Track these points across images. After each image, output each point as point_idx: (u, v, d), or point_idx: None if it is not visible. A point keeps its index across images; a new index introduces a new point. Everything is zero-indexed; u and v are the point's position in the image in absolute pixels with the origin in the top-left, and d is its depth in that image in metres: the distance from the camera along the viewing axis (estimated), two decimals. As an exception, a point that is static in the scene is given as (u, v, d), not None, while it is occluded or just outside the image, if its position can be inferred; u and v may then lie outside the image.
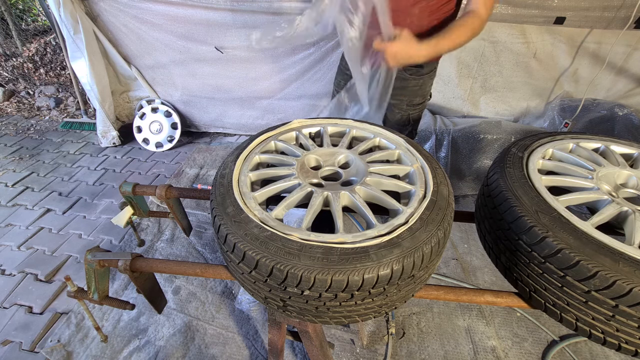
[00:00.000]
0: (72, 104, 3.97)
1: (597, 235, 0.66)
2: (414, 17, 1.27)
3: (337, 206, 0.77)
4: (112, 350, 1.61)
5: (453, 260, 2.05)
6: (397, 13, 1.26)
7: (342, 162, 0.96)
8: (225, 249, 0.71)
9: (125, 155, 3.15)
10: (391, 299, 0.70)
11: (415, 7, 1.25)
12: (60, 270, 2.04)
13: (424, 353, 1.60)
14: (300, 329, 1.02)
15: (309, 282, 0.61)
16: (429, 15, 1.27)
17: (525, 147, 0.92)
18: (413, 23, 1.28)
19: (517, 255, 0.73)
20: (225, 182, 0.80)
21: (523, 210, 0.71)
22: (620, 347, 0.66)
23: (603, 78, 2.63)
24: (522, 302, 0.78)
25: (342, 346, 1.61)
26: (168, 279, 1.93)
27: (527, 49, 2.59)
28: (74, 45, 2.71)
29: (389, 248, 0.64)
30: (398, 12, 1.26)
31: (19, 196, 2.64)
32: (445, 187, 0.80)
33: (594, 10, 2.31)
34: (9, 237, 2.26)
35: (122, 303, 1.02)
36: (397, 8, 1.25)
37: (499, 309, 1.78)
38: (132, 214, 1.25)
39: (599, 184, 0.82)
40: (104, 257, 0.92)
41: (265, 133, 1.01)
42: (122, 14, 2.69)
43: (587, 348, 1.61)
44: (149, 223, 2.31)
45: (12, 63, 4.48)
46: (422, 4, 1.24)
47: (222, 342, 1.64)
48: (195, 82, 3.05)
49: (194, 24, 2.65)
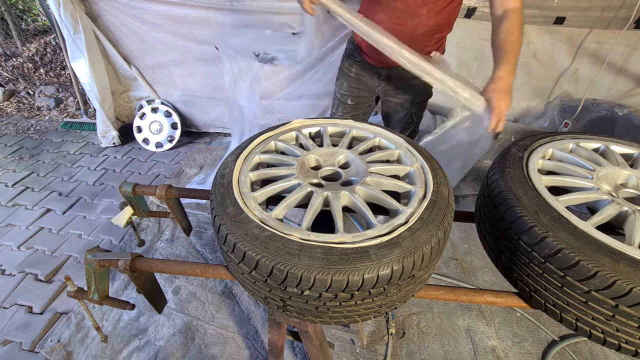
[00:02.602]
0: (72, 104, 3.96)
1: (597, 235, 0.66)
2: (422, 17, 1.28)
3: (337, 206, 0.77)
4: (112, 350, 1.61)
5: (453, 260, 2.05)
6: (405, 14, 1.27)
7: (342, 162, 0.96)
8: (225, 249, 0.71)
9: (125, 155, 3.15)
10: (391, 299, 0.70)
11: (423, 8, 1.26)
12: (60, 270, 2.04)
13: (424, 353, 1.60)
14: (300, 329, 1.02)
15: (309, 282, 0.61)
16: (436, 16, 1.28)
17: (525, 147, 0.92)
18: (421, 23, 1.29)
19: (517, 255, 0.73)
20: (225, 182, 0.80)
21: (523, 210, 0.71)
22: (620, 347, 0.66)
23: (603, 78, 2.63)
24: (522, 302, 0.78)
25: (342, 346, 1.61)
26: (168, 279, 1.93)
27: (527, 49, 2.59)
28: (74, 45, 2.71)
29: (389, 248, 0.64)
30: (405, 14, 1.27)
31: (19, 196, 2.64)
32: (445, 187, 0.80)
33: (594, 10, 2.31)
34: (9, 237, 2.26)
35: (122, 303, 1.02)
36: (405, 9, 1.26)
37: (499, 309, 1.78)
38: (132, 214, 1.25)
39: (599, 184, 0.82)
40: (104, 257, 0.92)
41: (265, 133, 1.01)
42: (122, 14, 2.69)
43: (587, 348, 1.61)
44: (149, 223, 2.31)
45: (12, 63, 4.48)
46: (429, 5, 1.25)
47: (222, 342, 1.64)
48: (195, 82, 3.05)
49: (194, 24, 2.65)
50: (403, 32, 1.29)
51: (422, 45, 1.36)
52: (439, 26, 1.33)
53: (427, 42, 1.37)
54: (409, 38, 1.25)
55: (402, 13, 1.27)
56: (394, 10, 1.28)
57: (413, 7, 1.25)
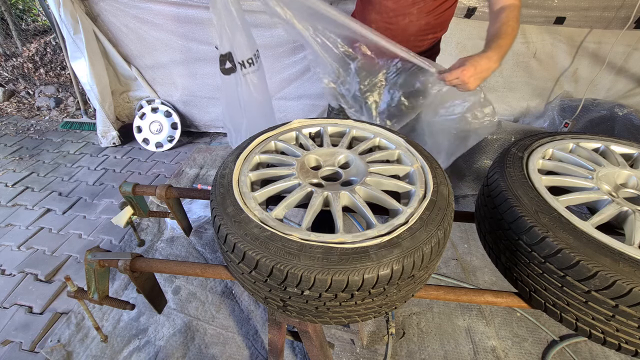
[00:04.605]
0: (72, 104, 3.97)
1: (597, 235, 0.66)
2: (413, 16, 1.29)
3: (337, 206, 0.77)
4: (112, 350, 1.61)
5: (453, 260, 2.05)
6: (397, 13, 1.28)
7: (342, 162, 0.96)
8: (225, 249, 0.71)
9: (125, 155, 3.15)
10: (391, 299, 0.70)
11: (414, 7, 1.27)
12: (60, 270, 2.04)
13: (424, 353, 1.60)
14: (300, 329, 1.02)
15: (309, 282, 0.61)
16: (427, 15, 1.29)
17: (525, 147, 0.92)
18: (412, 22, 1.29)
19: (517, 255, 0.73)
20: (225, 182, 0.80)
21: (523, 210, 0.71)
22: (620, 347, 0.66)
23: (603, 78, 2.63)
24: (522, 302, 0.78)
25: (342, 346, 1.61)
26: (168, 279, 1.93)
27: (527, 49, 2.59)
28: (74, 45, 2.71)
29: (389, 248, 0.64)
30: (396, 13, 1.28)
31: (19, 196, 2.64)
32: (445, 187, 0.80)
33: (594, 10, 2.31)
34: (9, 237, 2.26)
35: (122, 303, 1.02)
36: (396, 8, 1.27)
37: (499, 309, 1.78)
38: (132, 214, 1.25)
39: (599, 184, 0.82)
40: (104, 257, 0.92)
41: (265, 133, 1.01)
42: (122, 14, 2.69)
43: (587, 348, 1.61)
44: (149, 223, 2.31)
45: (12, 63, 4.48)
46: (420, 5, 1.26)
47: (222, 342, 1.64)
48: (195, 82, 3.05)
49: (194, 23, 2.65)
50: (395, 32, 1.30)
51: (415, 45, 1.36)
52: (430, 26, 1.33)
53: (419, 42, 1.37)
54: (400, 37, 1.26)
55: (394, 12, 1.27)
56: (385, 10, 1.29)
57: (404, 6, 1.26)
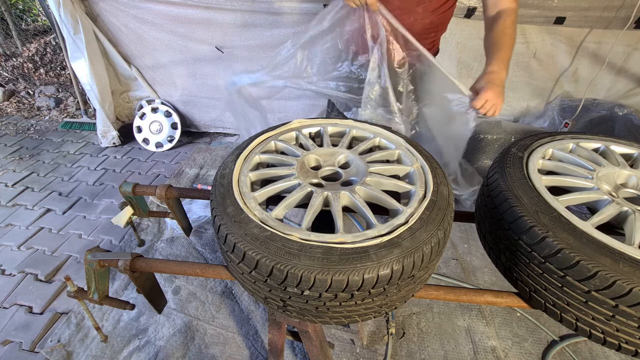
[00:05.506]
0: (72, 104, 3.96)
1: (597, 235, 0.66)
2: (418, 15, 1.31)
3: (337, 206, 0.77)
4: (112, 350, 1.61)
5: (453, 260, 2.05)
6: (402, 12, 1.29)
7: (342, 162, 0.96)
8: (225, 249, 0.71)
9: (125, 155, 3.15)
10: (391, 299, 0.70)
11: (419, 7, 1.29)
12: (60, 270, 2.04)
13: (424, 353, 1.60)
14: (300, 329, 1.02)
15: (309, 282, 0.61)
16: (431, 14, 1.31)
17: (525, 147, 0.92)
18: (417, 21, 1.31)
19: (517, 255, 0.73)
20: (225, 182, 0.80)
21: (523, 210, 0.71)
22: (620, 347, 0.66)
23: (603, 78, 2.63)
24: (522, 302, 0.78)
25: (342, 346, 1.61)
26: (168, 279, 1.93)
27: (527, 49, 2.58)
28: (74, 45, 2.71)
29: (389, 248, 0.64)
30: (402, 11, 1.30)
31: (19, 196, 2.63)
32: (445, 187, 0.80)
33: (594, 10, 2.31)
34: (9, 237, 2.26)
35: (122, 303, 1.02)
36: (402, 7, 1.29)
37: (499, 309, 1.78)
38: (132, 214, 1.25)
39: (599, 184, 0.82)
40: (104, 257, 0.92)
41: (265, 133, 1.01)
42: (122, 14, 2.69)
43: (587, 348, 1.61)
44: (149, 223, 2.31)
45: (12, 63, 4.49)
46: (425, 4, 1.28)
47: (222, 342, 1.64)
48: (195, 82, 3.05)
49: (194, 24, 2.65)
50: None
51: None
52: (434, 25, 1.36)
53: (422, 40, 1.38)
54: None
55: (400, 10, 1.28)
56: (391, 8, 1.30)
57: (409, 4, 1.28)
